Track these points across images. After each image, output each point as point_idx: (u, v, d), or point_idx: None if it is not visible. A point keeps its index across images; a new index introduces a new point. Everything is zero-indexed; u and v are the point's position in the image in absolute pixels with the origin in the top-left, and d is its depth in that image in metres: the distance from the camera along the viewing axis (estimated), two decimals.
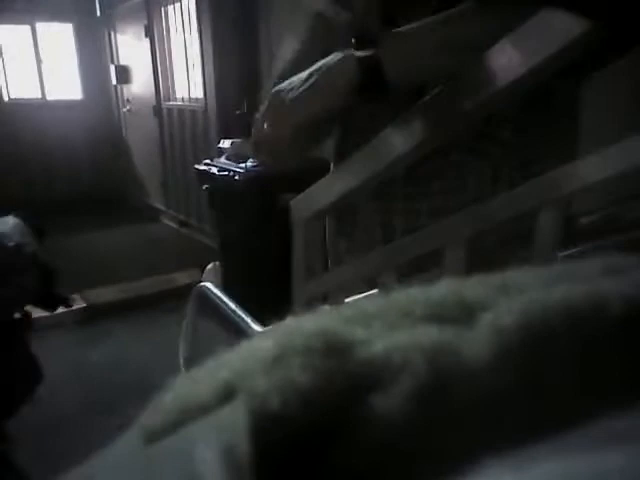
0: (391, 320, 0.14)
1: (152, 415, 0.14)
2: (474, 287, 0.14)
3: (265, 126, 0.74)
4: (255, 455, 0.12)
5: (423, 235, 0.75)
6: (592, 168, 0.55)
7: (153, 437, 0.13)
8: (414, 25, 0.68)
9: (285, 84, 0.74)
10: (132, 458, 0.13)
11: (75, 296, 2.87)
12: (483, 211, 0.65)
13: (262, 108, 0.75)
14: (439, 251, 0.68)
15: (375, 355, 0.13)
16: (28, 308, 1.67)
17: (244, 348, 0.14)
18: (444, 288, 0.14)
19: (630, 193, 0.69)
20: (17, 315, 1.62)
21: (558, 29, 0.51)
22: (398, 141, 0.70)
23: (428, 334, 0.13)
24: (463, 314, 0.13)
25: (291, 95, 0.71)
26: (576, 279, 0.13)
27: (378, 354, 0.13)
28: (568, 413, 0.11)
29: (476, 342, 0.13)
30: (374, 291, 0.86)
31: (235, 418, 0.12)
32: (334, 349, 0.13)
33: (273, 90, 0.74)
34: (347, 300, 0.88)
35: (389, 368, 0.13)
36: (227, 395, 0.13)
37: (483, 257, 0.73)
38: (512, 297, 0.13)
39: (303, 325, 0.14)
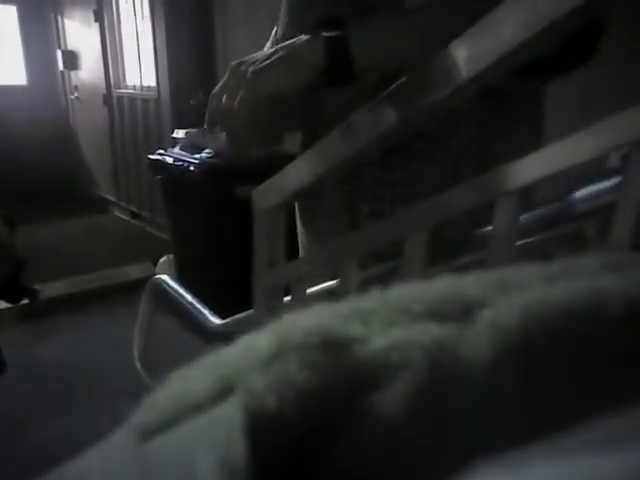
0: (389, 317, 0.13)
1: (147, 412, 0.13)
2: (473, 284, 0.14)
3: (224, 99, 0.70)
4: (252, 453, 0.12)
5: (385, 225, 0.75)
6: (544, 161, 0.56)
7: (148, 435, 0.12)
8: (389, 12, 0.67)
9: (247, 57, 0.70)
10: (127, 457, 0.13)
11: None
12: (441, 202, 0.66)
13: (220, 82, 0.71)
14: (401, 241, 0.68)
15: (373, 353, 0.13)
16: None
17: (241, 345, 0.14)
18: (443, 285, 0.14)
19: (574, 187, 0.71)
20: None
21: (522, 21, 0.52)
22: (364, 129, 0.69)
23: (427, 331, 0.13)
24: (462, 311, 0.13)
25: (254, 68, 0.68)
26: (575, 276, 0.13)
27: (376, 351, 0.13)
28: (567, 414, 0.12)
29: (475, 340, 0.12)
30: (334, 282, 0.86)
31: (232, 416, 0.12)
32: (332, 346, 0.13)
33: (233, 63, 0.70)
34: (309, 291, 0.87)
35: (388, 366, 0.13)
36: (224, 392, 0.13)
37: (443, 248, 0.74)
38: (511, 294, 0.13)
39: (300, 322, 0.13)
